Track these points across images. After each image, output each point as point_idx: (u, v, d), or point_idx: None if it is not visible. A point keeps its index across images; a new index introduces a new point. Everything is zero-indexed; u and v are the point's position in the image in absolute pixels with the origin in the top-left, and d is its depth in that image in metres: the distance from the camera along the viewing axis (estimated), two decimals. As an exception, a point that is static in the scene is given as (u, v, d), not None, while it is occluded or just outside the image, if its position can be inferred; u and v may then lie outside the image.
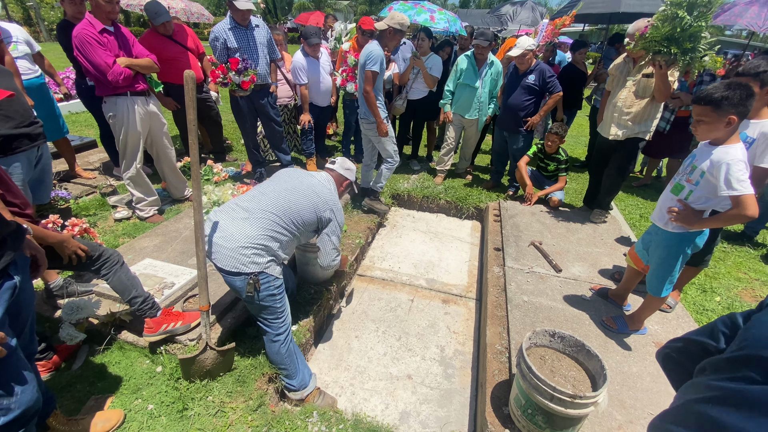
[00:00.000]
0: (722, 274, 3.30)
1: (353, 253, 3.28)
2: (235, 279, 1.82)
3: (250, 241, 1.81)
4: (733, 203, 1.77)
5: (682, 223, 1.94)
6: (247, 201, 1.96)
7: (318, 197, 2.02)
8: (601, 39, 20.47)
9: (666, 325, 2.45)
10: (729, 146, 1.80)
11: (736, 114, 1.73)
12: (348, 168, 2.33)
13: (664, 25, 2.55)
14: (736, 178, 1.72)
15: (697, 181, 1.89)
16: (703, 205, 1.91)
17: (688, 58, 2.56)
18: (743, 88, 1.71)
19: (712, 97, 1.74)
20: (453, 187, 4.69)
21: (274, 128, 3.97)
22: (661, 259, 2.10)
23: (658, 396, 1.96)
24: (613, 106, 3.28)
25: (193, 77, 1.57)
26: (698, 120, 1.84)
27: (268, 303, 1.90)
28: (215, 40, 3.49)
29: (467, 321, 2.92)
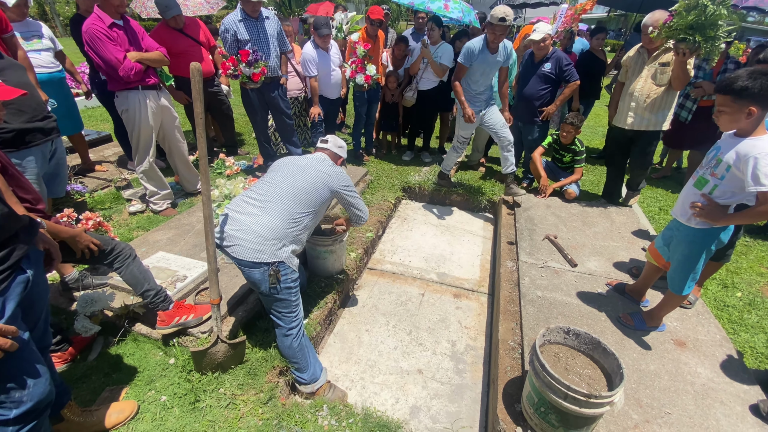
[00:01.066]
0: (744, 269, 3.18)
1: (363, 246, 3.27)
2: (254, 271, 1.83)
3: (272, 232, 1.83)
4: (761, 199, 1.67)
5: (706, 219, 1.85)
6: (258, 194, 1.96)
7: (323, 173, 2.07)
8: (619, 26, 19.81)
9: (686, 321, 2.38)
10: (756, 138, 1.70)
11: (758, 105, 1.64)
12: (340, 146, 2.34)
13: (689, 14, 2.55)
14: (764, 173, 1.62)
15: (722, 175, 1.80)
16: (728, 200, 1.81)
17: (709, 45, 2.58)
18: (767, 77, 1.61)
19: (732, 87, 1.66)
20: (465, 179, 4.62)
21: (285, 121, 3.96)
22: (684, 256, 2.01)
23: (676, 395, 1.90)
24: (630, 95, 3.27)
25: (199, 69, 1.55)
26: (719, 110, 1.76)
27: (284, 296, 1.91)
28: (225, 32, 3.47)
29: (479, 316, 2.89)
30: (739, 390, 1.95)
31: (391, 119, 5.09)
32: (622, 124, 3.35)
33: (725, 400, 1.89)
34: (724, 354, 2.15)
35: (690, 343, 2.22)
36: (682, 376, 2.01)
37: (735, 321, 2.65)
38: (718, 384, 1.97)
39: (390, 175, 4.70)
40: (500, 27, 3.26)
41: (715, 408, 1.85)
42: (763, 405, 1.73)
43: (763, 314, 2.70)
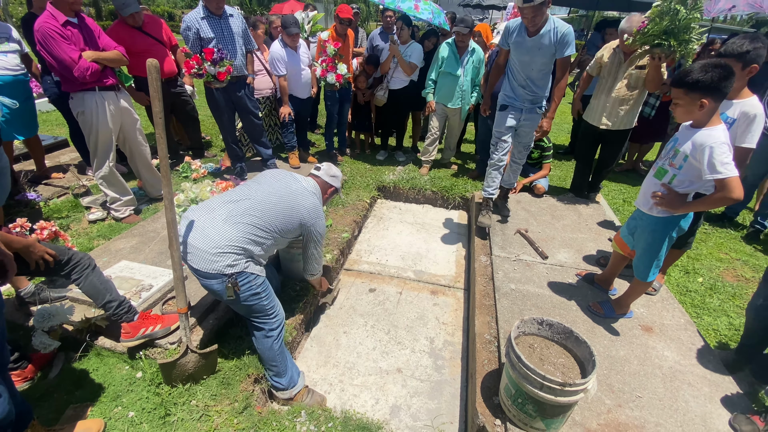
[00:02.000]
0: (704, 255, 3.35)
1: (339, 247, 3.22)
2: (212, 282, 1.75)
3: (229, 244, 1.74)
4: (718, 186, 1.76)
5: (666, 208, 1.93)
6: (228, 202, 1.88)
7: (301, 206, 1.97)
8: (581, 26, 20.59)
9: (651, 308, 2.48)
10: (711, 128, 1.78)
11: (709, 96, 1.71)
12: (333, 175, 2.26)
13: (663, 20, 2.64)
14: (719, 161, 1.71)
15: (680, 165, 1.88)
16: (687, 188, 1.90)
17: (683, 49, 2.68)
18: (719, 70, 1.68)
19: (685, 80, 1.73)
20: (439, 177, 4.66)
21: (253, 121, 3.85)
22: (647, 244, 2.10)
23: (646, 379, 1.97)
24: (605, 96, 3.38)
25: (156, 66, 1.47)
26: (675, 103, 1.83)
27: (253, 302, 1.85)
28: (187, 30, 3.34)
29: (456, 311, 2.91)
30: (705, 372, 2.04)
31: (364, 119, 5.07)
32: (597, 123, 3.47)
33: (692, 381, 1.98)
34: (689, 337, 2.25)
35: (656, 328, 2.31)
36: (650, 360, 2.09)
37: (698, 305, 2.78)
38: (685, 366, 2.06)
39: (364, 174, 4.67)
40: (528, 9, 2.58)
41: (683, 390, 1.93)
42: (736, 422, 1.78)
43: (724, 298, 2.85)
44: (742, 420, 1.75)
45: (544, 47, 2.74)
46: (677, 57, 2.77)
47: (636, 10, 6.50)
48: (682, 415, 1.80)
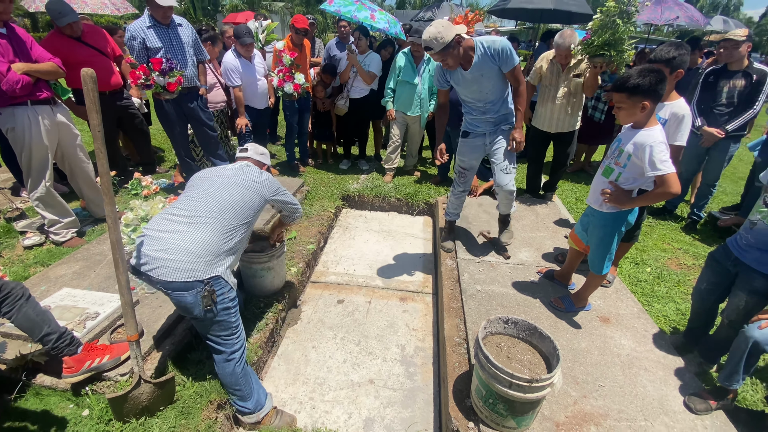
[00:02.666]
0: (650, 247, 3.59)
1: (304, 259, 3.14)
2: (186, 294, 1.64)
3: (206, 248, 1.67)
4: (658, 182, 1.89)
5: (614, 204, 2.05)
6: (183, 210, 1.77)
7: (253, 182, 1.96)
8: (529, 38, 21.81)
9: (607, 299, 2.61)
10: (649, 129, 1.92)
11: (649, 99, 1.85)
12: (261, 153, 2.25)
13: (605, 32, 2.88)
14: (659, 159, 1.84)
15: (624, 163, 2.01)
16: (631, 185, 2.03)
17: (619, 58, 2.93)
18: (654, 74, 1.83)
19: (626, 85, 1.85)
20: (402, 184, 4.70)
21: (208, 133, 3.70)
22: (599, 239, 2.21)
23: (607, 368, 2.05)
24: (550, 103, 3.63)
25: (92, 77, 1.37)
26: (618, 106, 1.96)
27: (222, 317, 1.74)
28: (131, 40, 3.18)
29: (425, 316, 2.91)
30: (658, 356, 2.16)
31: (325, 128, 5.03)
32: (546, 128, 3.73)
33: (648, 366, 2.08)
34: (642, 325, 2.39)
35: (613, 318, 2.43)
36: (609, 349, 2.18)
37: (648, 294, 2.96)
38: (640, 353, 2.17)
39: (328, 184, 4.62)
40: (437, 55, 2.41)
41: (640, 375, 2.03)
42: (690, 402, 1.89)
43: (670, 285, 3.06)
44: (695, 399, 1.87)
45: (487, 69, 2.49)
46: (614, 66, 3.02)
47: (577, 22, 7.00)
48: (641, 400, 1.89)
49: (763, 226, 1.84)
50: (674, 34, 17.98)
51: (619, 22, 2.82)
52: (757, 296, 1.90)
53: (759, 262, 1.87)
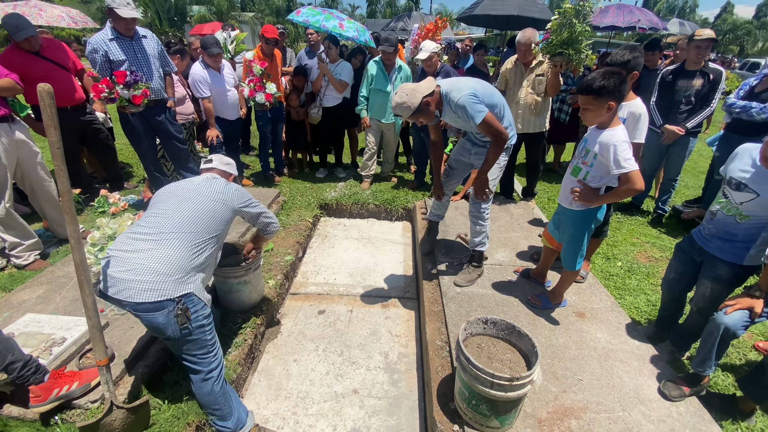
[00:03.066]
0: (620, 242, 3.72)
1: (282, 271, 3.09)
2: (157, 315, 1.57)
3: (170, 264, 1.61)
4: (623, 179, 1.96)
5: (583, 201, 2.12)
6: (147, 227, 1.72)
7: (219, 193, 1.91)
8: (497, 44, 22.45)
9: (582, 294, 2.68)
10: (613, 129, 2.00)
11: (614, 99, 1.94)
12: (227, 163, 2.20)
13: (563, 31, 3.03)
14: (622, 157, 1.92)
15: (591, 162, 2.08)
16: (599, 183, 2.10)
17: (578, 58, 3.08)
18: (617, 76, 1.91)
19: (592, 87, 1.93)
20: (380, 190, 4.71)
21: (177, 146, 3.61)
22: (571, 236, 2.28)
23: (584, 362, 2.11)
24: (516, 104, 3.72)
25: (49, 92, 1.32)
26: (584, 108, 2.03)
27: (197, 336, 1.68)
28: (93, 53, 3.08)
29: (408, 322, 2.91)
30: (633, 347, 2.23)
31: (300, 137, 5.00)
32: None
33: (623, 358, 2.15)
34: (616, 317, 2.46)
35: (588, 312, 2.50)
36: (586, 343, 2.24)
37: (620, 287, 3.07)
38: (615, 345, 2.24)
39: (305, 193, 4.58)
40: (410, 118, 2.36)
41: (616, 367, 2.08)
42: (665, 389, 1.95)
43: (640, 278, 3.18)
44: (670, 386, 1.94)
45: (460, 121, 2.44)
46: (573, 65, 3.15)
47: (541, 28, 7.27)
48: (618, 390, 1.94)
49: (723, 216, 1.94)
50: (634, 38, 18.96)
51: (576, 21, 2.98)
52: (721, 283, 1.99)
53: (721, 250, 1.97)
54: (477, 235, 2.73)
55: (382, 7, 47.05)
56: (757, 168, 1.83)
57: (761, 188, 1.80)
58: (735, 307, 1.77)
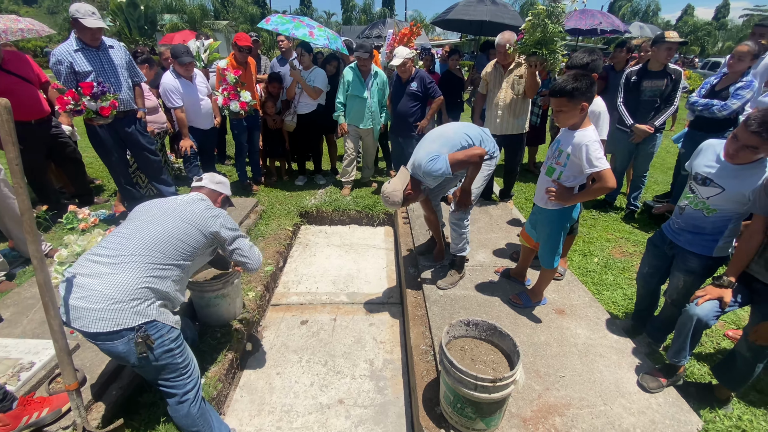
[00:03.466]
0: (596, 238, 3.82)
1: (262, 282, 3.03)
2: (116, 343, 1.50)
3: (127, 291, 1.51)
4: (596, 178, 2.02)
5: (559, 201, 2.16)
6: (109, 248, 1.62)
7: (196, 214, 1.79)
8: (472, 49, 22.89)
9: (561, 291, 2.73)
10: (584, 129, 2.06)
11: (586, 100, 1.99)
12: (219, 182, 2.12)
13: (536, 31, 3.12)
14: (594, 156, 1.97)
15: (565, 162, 2.13)
16: (572, 182, 2.15)
17: (552, 58, 3.16)
18: (587, 78, 1.96)
19: (565, 90, 1.97)
20: (361, 196, 4.70)
21: (149, 158, 3.50)
22: (547, 235, 2.32)
23: (566, 358, 2.14)
24: (496, 105, 3.78)
25: (6, 107, 1.25)
26: (558, 111, 2.07)
27: (165, 361, 1.61)
28: (58, 64, 2.97)
29: (392, 328, 2.90)
30: (611, 341, 2.28)
31: (277, 145, 4.94)
32: (493, 131, 3.82)
33: (603, 353, 2.19)
34: (594, 313, 2.52)
35: (567, 309, 2.54)
36: (566, 340, 2.28)
37: (597, 283, 3.14)
38: (594, 340, 2.28)
39: (284, 202, 4.52)
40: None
41: (597, 362, 2.13)
42: (643, 381, 2.00)
43: (616, 273, 3.26)
44: (648, 378, 1.98)
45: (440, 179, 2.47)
46: (548, 66, 3.22)
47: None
48: (599, 385, 1.98)
49: (691, 211, 2.02)
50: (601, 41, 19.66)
51: (548, 22, 3.09)
52: (693, 275, 2.06)
53: (691, 243, 2.04)
54: (458, 241, 2.76)
55: (358, 14, 47.32)
56: (722, 163, 1.91)
57: (726, 183, 1.88)
58: (705, 297, 1.83)
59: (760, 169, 1.81)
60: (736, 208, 1.89)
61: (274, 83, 4.59)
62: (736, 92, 3.27)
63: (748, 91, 3.23)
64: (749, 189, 1.81)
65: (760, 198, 1.78)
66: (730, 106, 3.27)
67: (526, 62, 3.40)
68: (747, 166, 1.83)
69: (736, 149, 1.80)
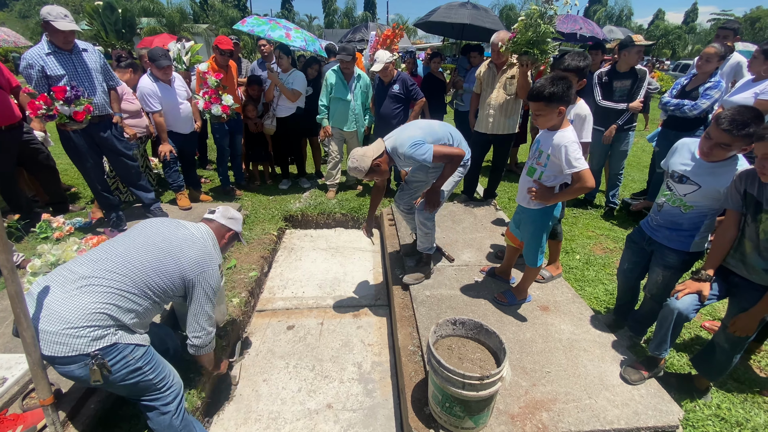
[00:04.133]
0: (577, 236, 3.90)
1: (247, 288, 2.98)
2: (72, 367, 1.44)
3: (83, 316, 1.42)
4: (575, 178, 2.05)
5: (540, 200, 2.20)
6: (87, 263, 1.56)
7: (185, 257, 1.67)
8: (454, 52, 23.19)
9: (544, 288, 2.77)
10: (563, 131, 2.10)
11: (564, 104, 2.03)
12: (231, 217, 1.99)
13: (528, 31, 3.20)
14: (573, 157, 2.01)
15: (545, 163, 2.17)
16: (553, 182, 2.19)
17: (543, 58, 3.26)
18: (563, 81, 2.00)
19: (543, 94, 2.00)
20: (346, 199, 4.68)
21: (126, 163, 3.41)
22: (531, 234, 2.36)
23: (551, 354, 2.17)
24: (488, 105, 3.83)
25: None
26: (537, 114, 2.10)
27: (133, 379, 1.54)
28: (28, 68, 2.86)
29: (380, 330, 2.89)
30: (594, 336, 2.33)
31: (260, 149, 4.88)
32: (484, 130, 3.92)
33: (587, 347, 2.23)
34: (578, 308, 2.57)
35: (551, 306, 2.58)
36: (551, 336, 2.31)
37: (579, 279, 3.20)
38: (578, 335, 2.33)
39: (268, 206, 4.47)
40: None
41: (581, 356, 2.16)
42: (626, 374, 2.04)
43: (597, 269, 3.33)
44: (630, 371, 2.03)
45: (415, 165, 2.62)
46: (539, 65, 3.31)
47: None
48: (583, 379, 2.01)
49: (669, 208, 2.08)
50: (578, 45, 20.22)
51: (540, 21, 3.17)
52: (671, 270, 2.12)
53: (669, 239, 2.10)
54: (425, 240, 2.81)
55: (339, 18, 47.40)
56: (697, 161, 1.98)
57: (702, 180, 1.94)
58: (684, 291, 1.89)
59: (732, 166, 1.88)
60: (712, 204, 1.96)
61: (253, 86, 4.55)
62: (705, 92, 3.41)
63: (716, 91, 3.37)
64: (723, 186, 1.88)
65: (731, 194, 1.85)
66: (700, 106, 3.39)
67: (518, 61, 3.47)
68: (721, 163, 1.90)
69: (710, 147, 1.87)
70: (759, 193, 1.73)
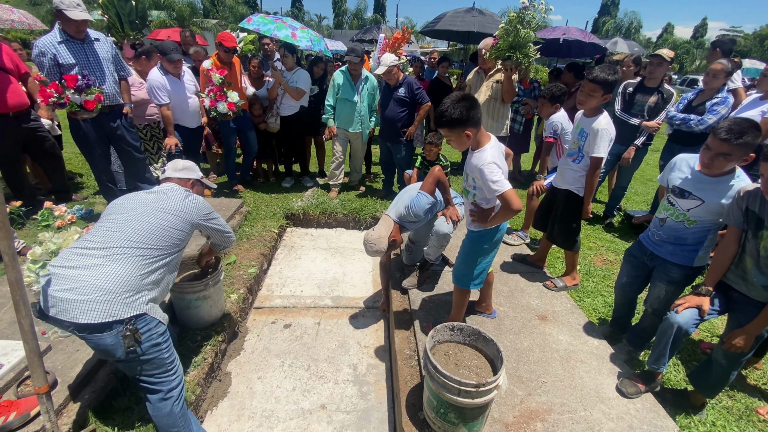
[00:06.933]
0: (579, 246, 3.89)
1: (245, 284, 2.98)
2: (104, 336, 1.46)
3: (119, 282, 1.50)
4: (501, 200, 1.85)
5: (479, 223, 2.03)
6: (96, 242, 1.60)
7: (177, 205, 1.81)
8: (460, 57, 23.23)
9: (543, 298, 2.77)
10: (479, 152, 1.90)
11: (468, 127, 1.81)
12: (183, 168, 2.08)
13: (509, 36, 3.31)
14: (490, 179, 1.81)
15: (474, 185, 2.02)
16: (488, 204, 2.01)
17: (526, 62, 3.34)
18: (465, 102, 1.78)
19: (443, 120, 1.82)
20: (348, 199, 4.68)
21: (133, 155, 3.43)
22: (466, 254, 2.17)
23: (548, 364, 2.16)
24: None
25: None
26: (448, 139, 1.94)
27: (152, 355, 1.58)
28: (41, 56, 2.89)
29: (377, 332, 2.88)
30: (592, 347, 2.32)
31: (265, 146, 4.89)
32: None
33: (584, 358, 2.23)
34: (576, 319, 2.56)
35: (550, 316, 2.58)
36: (548, 346, 2.31)
37: (579, 290, 3.18)
38: (576, 346, 2.32)
39: (270, 203, 4.47)
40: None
41: (578, 367, 2.16)
42: (622, 387, 2.02)
43: (597, 280, 3.32)
44: (627, 384, 2.02)
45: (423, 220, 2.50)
46: (523, 69, 3.40)
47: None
48: (579, 391, 2.00)
49: (673, 223, 2.07)
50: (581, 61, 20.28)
51: (519, 27, 3.27)
52: (675, 285, 2.12)
53: (672, 254, 2.09)
54: (436, 252, 2.81)
55: (349, 19, 47.54)
56: (698, 176, 1.97)
57: (705, 195, 1.94)
58: (684, 305, 1.88)
59: (731, 177, 1.88)
60: (715, 218, 1.96)
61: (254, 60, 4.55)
62: (711, 108, 3.40)
63: (723, 107, 3.36)
64: (725, 198, 1.88)
65: (732, 210, 1.85)
66: (707, 121, 3.39)
67: (502, 66, 3.56)
68: (723, 178, 1.90)
69: (711, 158, 1.87)
70: (761, 210, 1.73)
